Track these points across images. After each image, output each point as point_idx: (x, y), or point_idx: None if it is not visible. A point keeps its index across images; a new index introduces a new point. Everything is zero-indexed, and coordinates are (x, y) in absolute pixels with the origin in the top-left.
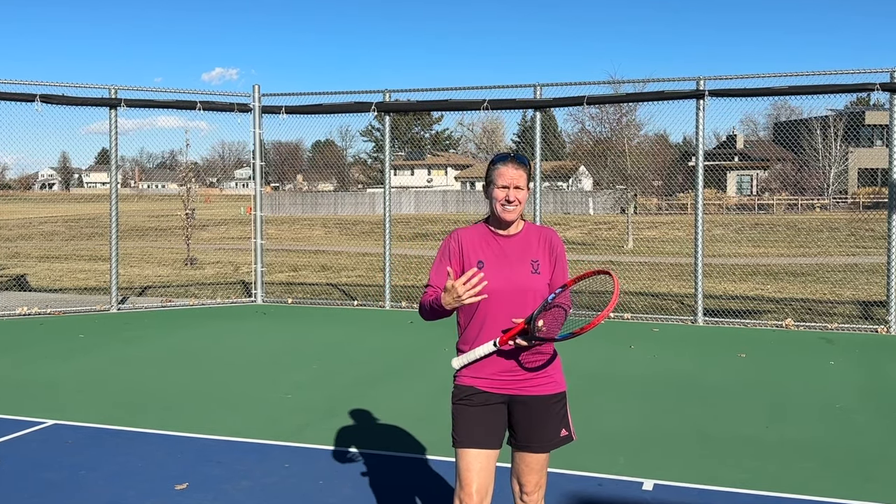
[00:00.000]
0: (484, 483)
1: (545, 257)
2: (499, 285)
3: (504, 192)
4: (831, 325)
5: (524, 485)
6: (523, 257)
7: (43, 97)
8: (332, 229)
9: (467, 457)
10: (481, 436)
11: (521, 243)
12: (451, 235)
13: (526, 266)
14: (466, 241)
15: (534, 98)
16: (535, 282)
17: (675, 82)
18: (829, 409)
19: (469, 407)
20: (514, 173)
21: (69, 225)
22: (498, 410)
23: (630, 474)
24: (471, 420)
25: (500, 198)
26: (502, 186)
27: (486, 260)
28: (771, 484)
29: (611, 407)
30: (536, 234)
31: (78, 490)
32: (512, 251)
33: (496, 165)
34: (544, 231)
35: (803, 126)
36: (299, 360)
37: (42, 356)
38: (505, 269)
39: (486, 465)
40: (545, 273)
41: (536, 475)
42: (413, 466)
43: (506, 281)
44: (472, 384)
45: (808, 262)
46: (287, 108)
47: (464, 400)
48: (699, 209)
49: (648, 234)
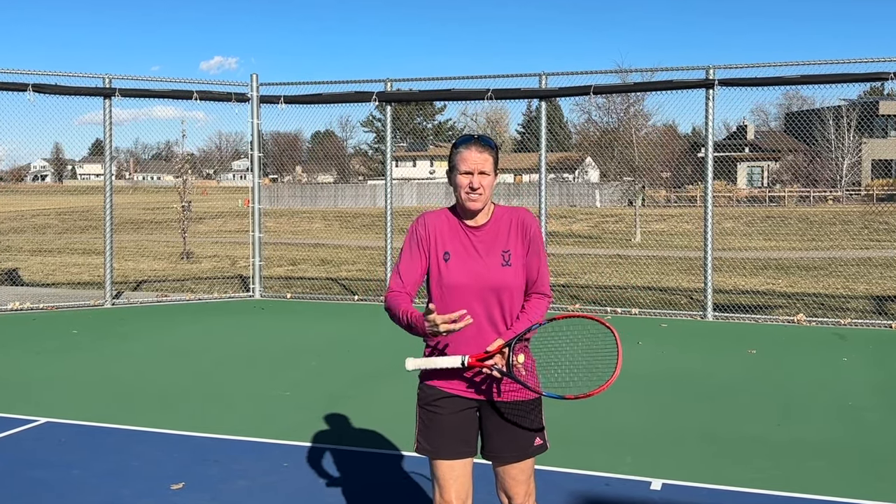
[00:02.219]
0: (463, 488)
1: (517, 245)
2: (465, 280)
3: (468, 178)
4: (844, 321)
5: (513, 497)
6: (492, 248)
7: (35, 86)
8: (332, 222)
9: (443, 467)
10: (455, 446)
11: (491, 232)
12: (419, 220)
13: (495, 259)
14: (434, 229)
15: (539, 87)
16: (505, 275)
17: (684, 71)
18: (841, 406)
19: (439, 415)
20: (477, 157)
21: (62, 218)
22: (469, 416)
23: (638, 473)
24: (443, 430)
25: (464, 185)
26: (465, 172)
27: (453, 251)
28: (781, 484)
29: (618, 404)
30: (507, 219)
31: (71, 490)
32: (480, 242)
33: (458, 149)
34: (516, 213)
35: (815, 116)
36: (298, 357)
37: (34, 352)
38: (472, 262)
39: (462, 471)
40: (517, 264)
41: (524, 486)
42: (414, 465)
43: (473, 276)
44: (440, 386)
45: (820, 256)
46: (286, 97)
47: (432, 405)
48: (709, 201)
49: (656, 227)
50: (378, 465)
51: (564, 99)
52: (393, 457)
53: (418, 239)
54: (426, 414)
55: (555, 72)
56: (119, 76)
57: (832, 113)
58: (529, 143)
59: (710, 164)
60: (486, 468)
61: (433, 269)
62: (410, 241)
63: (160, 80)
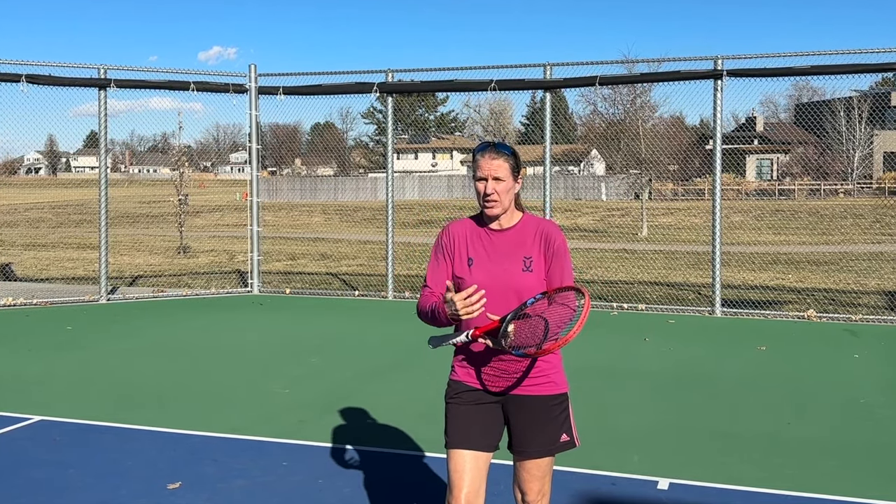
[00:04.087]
0: (474, 486)
1: (539, 254)
2: (488, 284)
3: (482, 184)
4: (855, 317)
5: (526, 493)
6: (515, 253)
7: (29, 77)
8: (331, 216)
9: (457, 458)
10: (471, 436)
11: (515, 238)
12: (444, 230)
13: (517, 263)
14: (458, 236)
15: (544, 78)
16: (526, 280)
17: (691, 62)
18: (852, 404)
19: (460, 405)
20: (490, 164)
21: (56, 211)
22: (491, 410)
23: (645, 473)
24: (461, 419)
25: (480, 191)
26: (480, 178)
27: (476, 256)
28: (792, 483)
29: (624, 402)
30: (533, 228)
31: (66, 490)
32: (503, 246)
33: (475, 156)
34: (542, 224)
35: (826, 107)
36: (297, 354)
37: (28, 349)
38: (493, 265)
39: (476, 466)
40: (539, 271)
41: (538, 483)
42: (416, 464)
43: (493, 279)
44: (464, 380)
45: (831, 251)
46: (285, 88)
47: (455, 398)
48: (717, 195)
49: (664, 221)
50: (379, 463)
51: (569, 90)
52: (394, 455)
53: (443, 248)
54: (449, 407)
55: (560, 62)
56: (114, 66)
57: (843, 104)
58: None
59: (718, 157)
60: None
61: (457, 275)
62: (436, 251)
63: (156, 71)
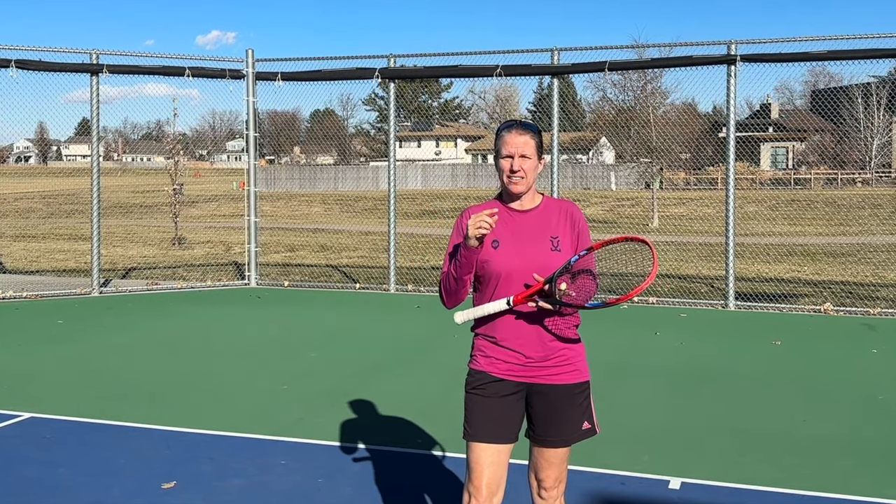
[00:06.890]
0: (495, 477)
1: (566, 233)
2: (516, 265)
3: (509, 161)
4: (874, 311)
5: (543, 480)
6: (542, 234)
7: (18, 62)
8: (331, 206)
9: (478, 450)
10: (494, 430)
11: (539, 218)
12: (464, 213)
13: (545, 243)
14: None
15: (551, 63)
16: (556, 260)
17: (704, 46)
18: (871, 400)
19: (483, 397)
20: (518, 140)
21: (47, 201)
22: (514, 401)
23: (655, 472)
24: (484, 412)
25: (506, 168)
26: (507, 156)
27: (501, 239)
28: (807, 483)
29: (635, 399)
30: (556, 208)
31: (57, 489)
32: (529, 227)
33: (501, 133)
34: (564, 204)
35: (843, 94)
36: (296, 349)
37: (18, 343)
38: (522, 247)
39: (497, 459)
40: (567, 250)
41: (556, 470)
42: (418, 463)
43: (524, 260)
44: (486, 370)
45: (848, 242)
46: (283, 74)
47: (477, 389)
48: (730, 184)
49: (675, 212)
50: (381, 463)
51: (578, 76)
52: (397, 454)
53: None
54: (471, 398)
55: (568, 47)
56: (107, 51)
57: (861, 90)
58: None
59: (731, 145)
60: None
61: (482, 259)
62: (456, 235)
63: (150, 56)
